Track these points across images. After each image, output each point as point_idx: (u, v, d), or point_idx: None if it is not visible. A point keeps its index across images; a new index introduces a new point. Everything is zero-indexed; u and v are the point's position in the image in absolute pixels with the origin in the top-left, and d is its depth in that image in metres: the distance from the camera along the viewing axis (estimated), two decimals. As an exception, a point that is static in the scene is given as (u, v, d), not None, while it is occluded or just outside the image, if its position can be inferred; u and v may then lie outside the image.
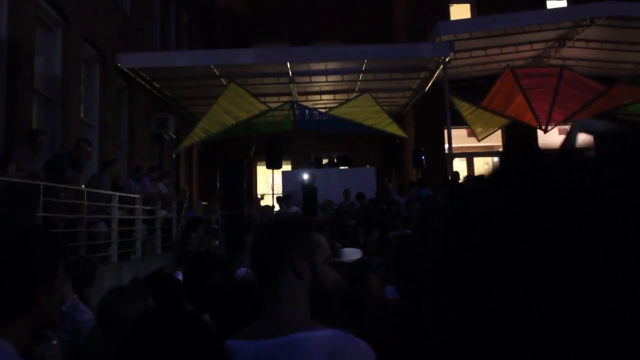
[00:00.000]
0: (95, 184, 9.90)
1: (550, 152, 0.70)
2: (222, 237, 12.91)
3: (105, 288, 7.80)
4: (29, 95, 11.87)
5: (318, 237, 2.18)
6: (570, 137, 3.47)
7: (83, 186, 9.59)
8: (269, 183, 20.39)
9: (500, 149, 22.63)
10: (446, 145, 18.98)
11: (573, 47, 19.92)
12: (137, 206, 11.59)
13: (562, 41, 19.70)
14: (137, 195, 11.64)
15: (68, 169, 8.77)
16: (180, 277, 7.55)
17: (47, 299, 2.06)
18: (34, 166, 8.55)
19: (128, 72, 17.19)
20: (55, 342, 2.39)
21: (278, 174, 19.38)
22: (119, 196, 10.55)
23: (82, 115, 14.59)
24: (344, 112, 18.50)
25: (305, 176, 17.60)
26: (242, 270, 9.82)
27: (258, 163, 23.75)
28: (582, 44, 19.77)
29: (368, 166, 19.18)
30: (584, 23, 18.27)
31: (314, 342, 1.95)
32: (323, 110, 19.56)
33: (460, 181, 17.97)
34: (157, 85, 19.29)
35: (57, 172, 8.69)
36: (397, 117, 21.70)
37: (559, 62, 20.49)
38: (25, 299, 2.01)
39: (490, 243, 0.64)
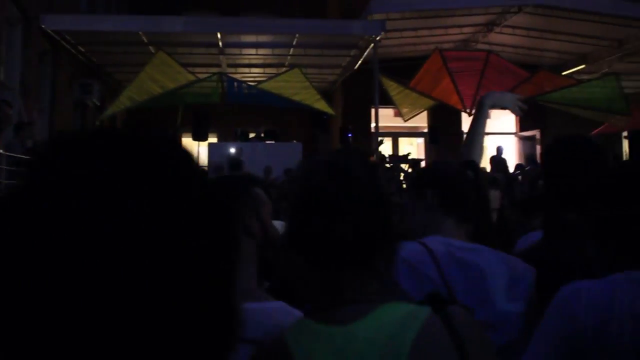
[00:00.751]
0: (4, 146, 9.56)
1: None
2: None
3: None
4: (-55, 54, 11.42)
5: (260, 192, 2.17)
6: (481, 109, 3.54)
7: (1, 151, 9.30)
8: (195, 153, 20.17)
9: (426, 130, 22.98)
10: (373, 124, 19.15)
11: (500, 32, 20.32)
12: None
13: (490, 26, 20.07)
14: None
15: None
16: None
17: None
18: None
19: (52, 34, 16.63)
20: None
21: (204, 146, 19.19)
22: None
23: (2, 77, 14.08)
24: (273, 86, 18.39)
25: (232, 149, 17.48)
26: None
27: (184, 134, 23.40)
28: (509, 30, 20.19)
29: (295, 142, 19.19)
30: (512, 10, 18.63)
31: (259, 314, 1.90)
32: (252, 84, 19.42)
33: (384, 158, 18.20)
34: (82, 50, 18.73)
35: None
36: (326, 94, 21.73)
37: (486, 47, 20.86)
38: None
39: None
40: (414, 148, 24.78)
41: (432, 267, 2.28)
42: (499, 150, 20.18)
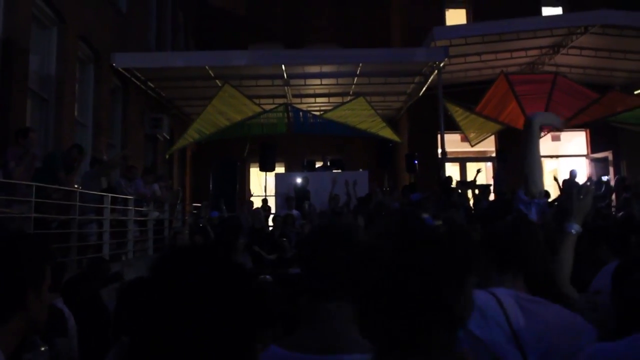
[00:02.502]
0: (86, 183, 9.85)
1: None
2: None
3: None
4: (22, 94, 11.86)
5: None
6: (530, 128, 3.52)
7: (76, 186, 9.60)
8: (261, 185, 20.40)
9: (494, 154, 22.70)
10: (439, 150, 19.02)
11: (567, 54, 19.97)
12: (129, 207, 11.57)
13: (556, 48, 19.75)
14: (130, 197, 11.62)
15: (60, 169, 8.76)
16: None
17: (35, 302, 2.08)
18: (27, 165, 8.54)
19: (123, 71, 17.17)
20: (43, 348, 2.40)
21: (271, 176, 19.39)
22: (111, 197, 10.53)
23: (76, 114, 14.58)
24: (338, 115, 18.49)
25: (299, 180, 17.60)
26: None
27: (251, 165, 23.76)
28: (576, 51, 19.82)
29: (361, 170, 19.18)
30: (578, 31, 18.31)
31: None
32: (317, 113, 19.57)
33: (452, 185, 17.99)
34: (152, 85, 19.28)
35: (50, 172, 8.68)
36: (391, 121, 21.75)
37: (553, 69, 20.54)
38: (13, 301, 2.03)
39: None
40: (482, 171, 24.44)
41: (501, 315, 2.31)
42: (573, 174, 19.72)
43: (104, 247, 10.19)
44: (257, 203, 18.50)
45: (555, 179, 16.83)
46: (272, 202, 18.29)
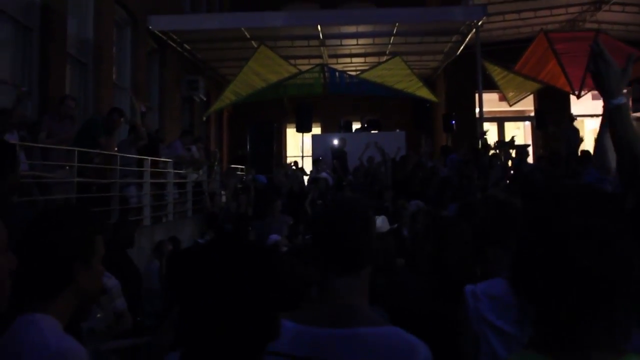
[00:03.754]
0: (122, 150, 9.91)
1: None
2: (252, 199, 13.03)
3: (141, 249, 8.00)
4: (62, 58, 11.97)
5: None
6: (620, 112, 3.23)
7: (116, 149, 9.71)
8: (299, 146, 20.44)
9: (532, 114, 22.41)
10: (477, 110, 18.86)
11: (609, 10, 19.52)
12: (169, 170, 11.69)
13: (598, 4, 19.30)
14: (168, 159, 11.73)
15: (101, 134, 8.86)
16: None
17: (85, 275, 2.13)
18: (63, 131, 8.67)
19: (159, 34, 17.21)
20: (99, 315, 2.47)
21: (308, 137, 19.42)
22: (151, 160, 10.64)
23: (114, 77, 14.69)
24: (374, 75, 18.39)
25: (335, 141, 17.59)
26: (274, 237, 9.93)
27: (288, 126, 23.80)
28: (619, 7, 19.36)
29: (398, 130, 19.09)
30: (622, -14, 17.91)
31: (376, 338, 1.97)
32: (353, 73, 19.47)
33: (488, 145, 17.85)
34: (188, 48, 19.30)
35: (91, 137, 8.79)
36: (428, 81, 21.57)
37: (595, 26, 20.11)
38: (61, 275, 2.09)
39: None
40: (520, 132, 24.21)
41: None
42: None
43: (144, 210, 10.33)
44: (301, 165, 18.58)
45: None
46: (309, 163, 18.28)
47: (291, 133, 22.76)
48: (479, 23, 17.33)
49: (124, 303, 5.28)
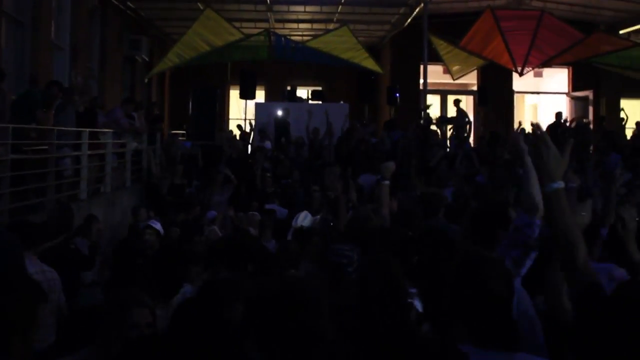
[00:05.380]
0: (60, 115, 9.60)
1: None
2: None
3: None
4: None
5: None
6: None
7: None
8: (241, 111, 20.21)
9: (475, 88, 22.63)
10: (421, 81, 18.96)
11: (556, -11, 19.72)
12: (107, 140, 11.42)
13: (545, -17, 19.48)
14: (108, 130, 11.44)
15: (39, 106, 8.58)
16: (158, 227, 7.58)
17: (19, 347, 2.07)
18: None
19: (101, -9, 16.70)
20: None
21: (251, 102, 19.20)
22: (89, 131, 10.36)
23: (52, 37, 14.18)
24: (321, 43, 18.26)
25: (279, 111, 17.44)
26: (212, 214, 9.83)
27: (231, 87, 23.42)
28: (565, -13, 19.59)
29: (342, 102, 19.01)
30: (569, -33, 18.07)
31: None
32: (300, 40, 19.30)
33: (431, 120, 17.99)
34: (131, 5, 18.76)
35: (28, 110, 8.52)
36: (374, 50, 21.53)
37: (540, 4, 20.34)
38: None
39: None
40: (462, 104, 24.43)
41: None
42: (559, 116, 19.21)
43: (80, 184, 10.08)
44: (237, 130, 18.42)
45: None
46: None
47: (234, 97, 22.46)
48: (427, -2, 17.40)
49: (63, 297, 5.23)
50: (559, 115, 18.98)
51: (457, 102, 18.75)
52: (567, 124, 18.41)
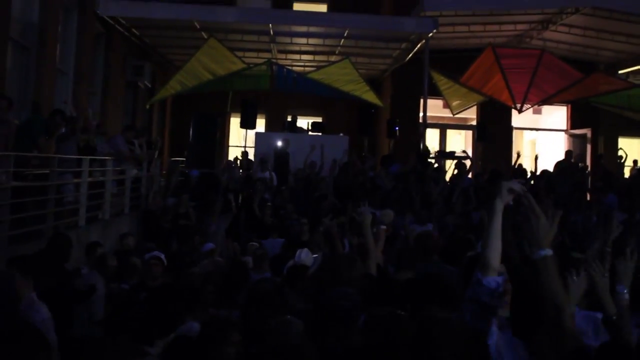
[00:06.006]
0: (62, 146, 9.71)
1: None
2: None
3: (73, 256, 7.85)
4: (3, 43, 11.62)
5: None
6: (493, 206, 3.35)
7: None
8: (241, 139, 20.27)
9: (474, 123, 22.78)
10: (421, 114, 19.12)
11: (556, 31, 19.91)
12: (108, 168, 11.48)
13: (545, 24, 19.64)
14: (108, 157, 11.52)
15: (41, 134, 8.67)
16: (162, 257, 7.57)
17: None
18: None
19: (107, 19, 16.85)
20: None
21: (251, 131, 19.28)
22: (90, 159, 10.44)
23: (57, 62, 14.31)
24: (322, 75, 18.42)
25: (279, 142, 17.54)
26: (208, 246, 9.77)
27: (232, 116, 23.47)
28: (565, 28, 19.76)
29: (342, 134, 19.10)
30: (569, 10, 18.23)
31: None
32: (301, 70, 19.44)
33: (428, 152, 18.10)
34: (136, 33, 18.94)
35: (30, 137, 8.60)
36: (375, 82, 21.65)
37: (540, 43, 20.52)
38: None
39: None
40: (461, 138, 24.60)
41: None
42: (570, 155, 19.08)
43: (80, 210, 10.14)
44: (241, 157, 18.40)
45: (536, 158, 16.90)
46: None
47: (235, 125, 22.53)
48: (429, 35, 17.57)
49: (54, 337, 5.13)
50: (569, 153, 19.03)
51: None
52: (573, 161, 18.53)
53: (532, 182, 15.12)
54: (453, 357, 2.36)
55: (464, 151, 18.66)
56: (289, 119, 20.05)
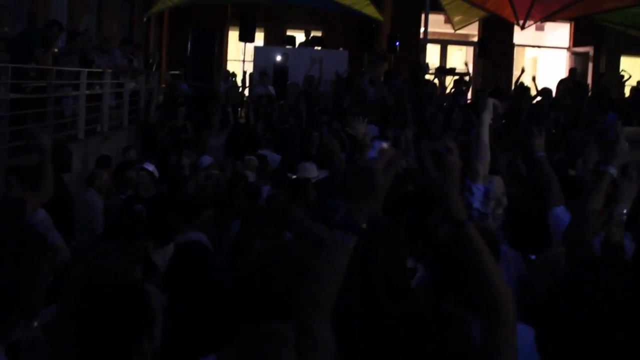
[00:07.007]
0: (62, 58, 9.65)
1: None
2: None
3: (74, 167, 7.89)
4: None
5: None
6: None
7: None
8: (240, 54, 20.06)
9: (475, 39, 22.50)
10: (422, 30, 18.89)
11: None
12: (106, 81, 11.40)
13: (551, -64, 19.19)
14: (107, 70, 11.40)
15: (38, 46, 8.56)
16: (151, 168, 7.61)
17: (30, 299, 2.16)
18: None
19: None
20: (36, 324, 2.51)
21: (250, 45, 19.04)
22: (88, 71, 10.35)
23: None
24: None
25: (278, 57, 17.34)
26: (206, 159, 9.79)
27: (230, 29, 23.11)
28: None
29: (341, 49, 18.83)
30: None
31: None
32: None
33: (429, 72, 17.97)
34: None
35: (27, 49, 8.49)
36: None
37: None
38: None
39: None
40: (462, 54, 24.29)
41: None
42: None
43: (79, 122, 10.12)
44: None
45: (534, 79, 16.74)
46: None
47: (233, 39, 22.20)
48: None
49: (58, 235, 5.21)
50: (572, 71, 18.82)
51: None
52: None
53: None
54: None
55: (465, 63, 18.49)
56: (288, 33, 19.78)
